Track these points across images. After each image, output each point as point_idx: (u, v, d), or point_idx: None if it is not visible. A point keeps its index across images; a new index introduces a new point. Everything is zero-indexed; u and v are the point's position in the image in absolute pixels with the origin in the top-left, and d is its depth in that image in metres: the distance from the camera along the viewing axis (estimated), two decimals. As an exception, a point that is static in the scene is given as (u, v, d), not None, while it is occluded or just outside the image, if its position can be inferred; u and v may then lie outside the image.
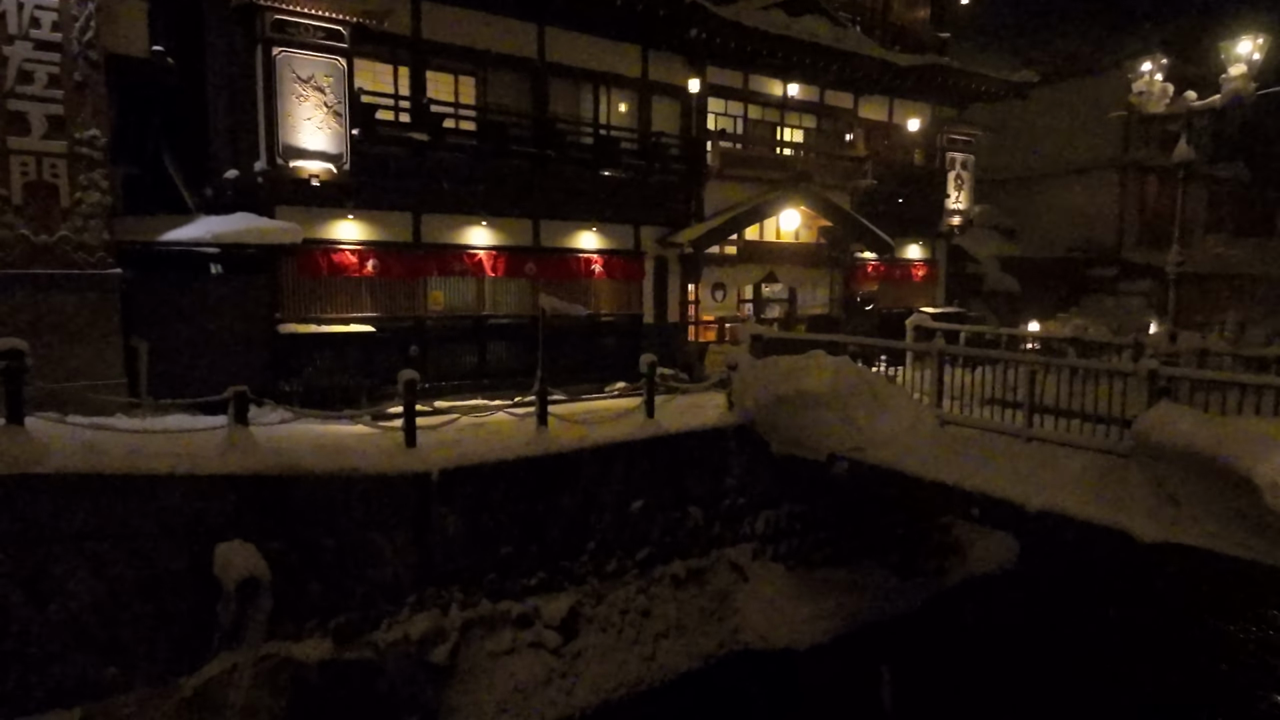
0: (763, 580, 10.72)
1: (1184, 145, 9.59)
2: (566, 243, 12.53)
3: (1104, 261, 26.97)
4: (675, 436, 9.76)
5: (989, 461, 7.87)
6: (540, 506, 8.61)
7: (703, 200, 13.37)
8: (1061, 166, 28.97)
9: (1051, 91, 27.43)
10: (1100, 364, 7.60)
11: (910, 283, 17.82)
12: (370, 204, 10.61)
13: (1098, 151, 27.94)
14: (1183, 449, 5.95)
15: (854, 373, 8.80)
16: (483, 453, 8.14)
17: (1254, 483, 5.37)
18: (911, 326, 12.94)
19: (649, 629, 9.46)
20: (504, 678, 8.24)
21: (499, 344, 12.06)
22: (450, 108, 10.90)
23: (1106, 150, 27.92)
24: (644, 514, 9.53)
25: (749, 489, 10.73)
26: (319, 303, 10.39)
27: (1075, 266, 26.86)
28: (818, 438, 9.22)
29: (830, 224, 14.58)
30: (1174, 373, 6.93)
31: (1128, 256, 26.97)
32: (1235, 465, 5.50)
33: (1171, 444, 6.03)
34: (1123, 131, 26.63)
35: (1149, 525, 6.32)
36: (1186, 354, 9.87)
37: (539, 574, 8.66)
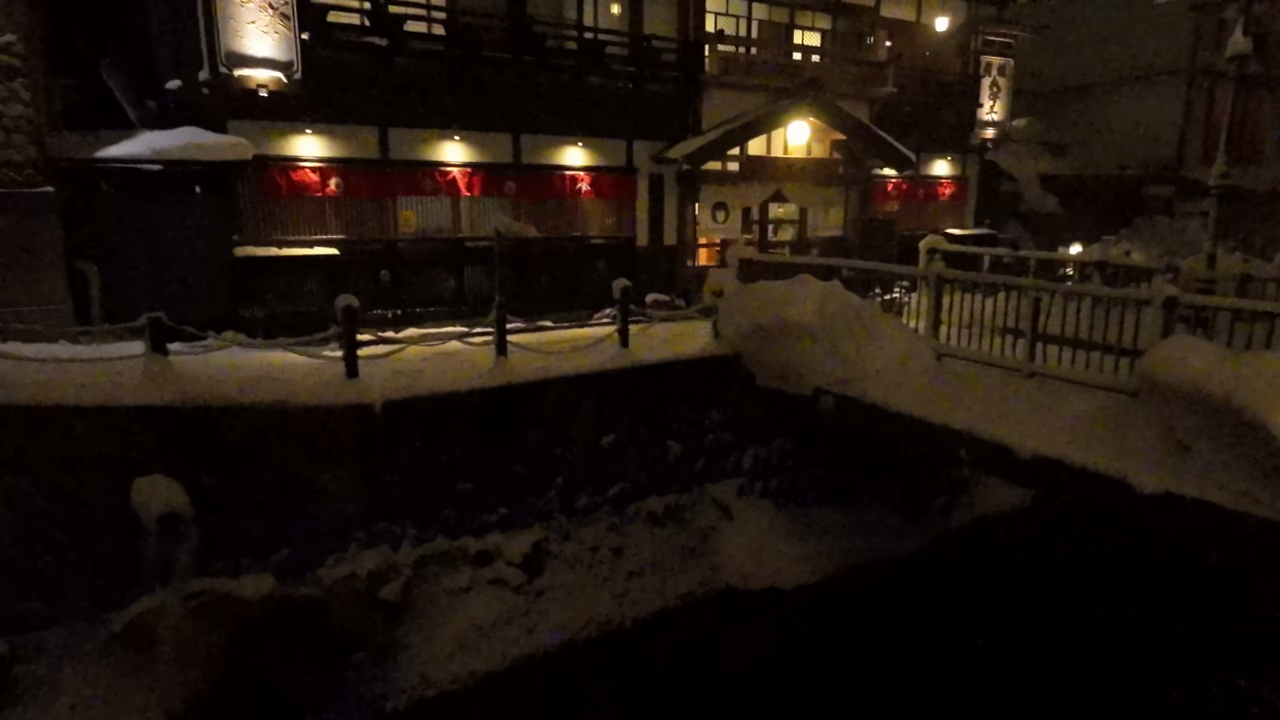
0: (748, 518, 10.32)
1: (1240, 36, 8.31)
2: (551, 159, 11.77)
3: (1161, 180, 24.97)
4: (652, 367, 9.23)
5: (985, 399, 7.20)
6: (501, 440, 8.24)
7: (700, 111, 12.36)
8: (1121, 74, 26.59)
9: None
10: (1111, 291, 6.75)
11: (936, 203, 16.64)
12: (331, 117, 10.00)
13: (1162, 57, 25.47)
14: (1192, 390, 5.22)
15: (842, 300, 8.09)
16: (434, 384, 7.71)
17: (1270, 432, 4.64)
18: (925, 249, 12.00)
19: (621, 567, 9.17)
20: (462, 615, 8.05)
21: (478, 269, 11.53)
22: (413, 8, 10.03)
23: (1172, 55, 25.43)
24: (617, 449, 9.12)
25: (736, 423, 10.22)
26: (280, 225, 9.94)
27: (1129, 185, 24.94)
28: (802, 371, 8.61)
29: (844, 137, 13.45)
30: (1194, 300, 6.11)
31: (1188, 174, 24.92)
32: (1250, 410, 4.78)
33: (1180, 384, 5.30)
34: (1192, 33, 24.18)
35: (1151, 474, 5.66)
36: (1225, 280, 8.85)
37: (500, 510, 8.37)
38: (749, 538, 10.23)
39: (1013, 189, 19.18)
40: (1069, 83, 27.82)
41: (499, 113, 11.06)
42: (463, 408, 7.85)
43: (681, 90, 12.37)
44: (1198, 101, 25.49)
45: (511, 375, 8.16)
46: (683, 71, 12.23)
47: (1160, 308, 6.20)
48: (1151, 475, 5.66)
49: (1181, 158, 25.56)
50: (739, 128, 12.11)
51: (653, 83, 12.15)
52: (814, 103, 12.67)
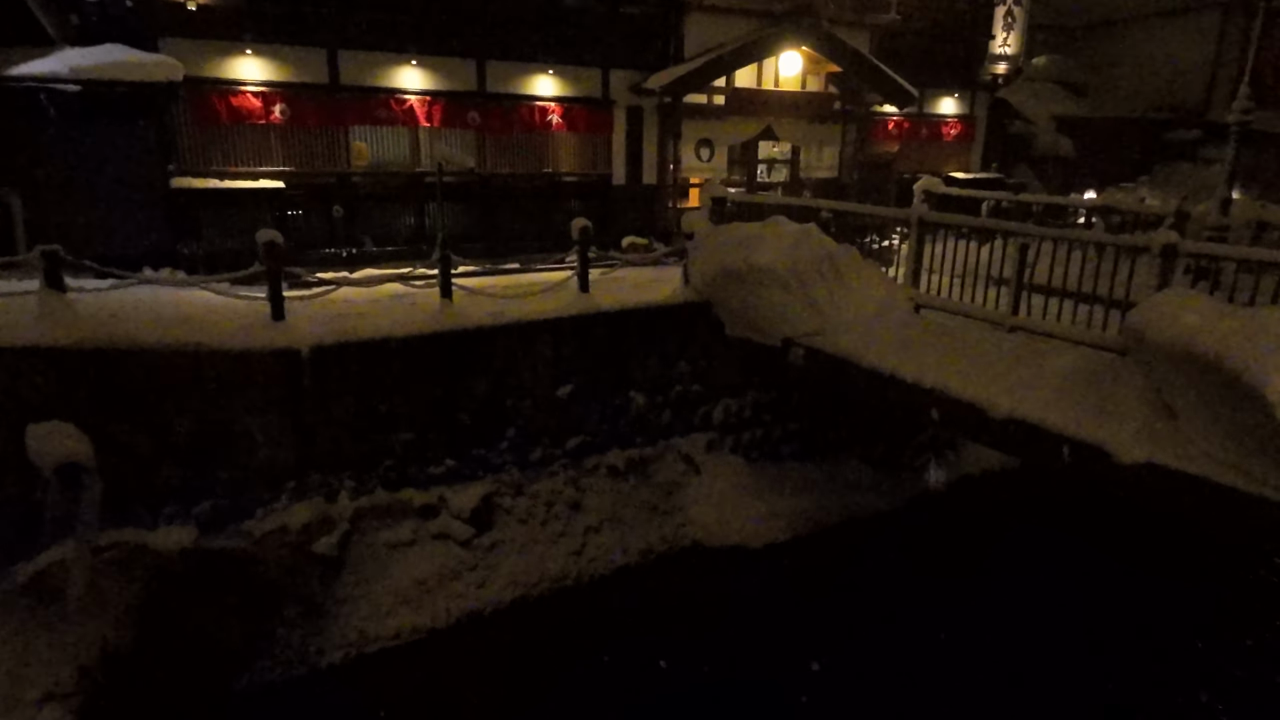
0: (717, 473, 9.98)
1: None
2: (519, 89, 11.07)
3: (1187, 123, 23.75)
4: (613, 315, 8.77)
5: (962, 354, 6.72)
6: (447, 389, 7.85)
7: (683, 38, 11.53)
8: (1150, 8, 25.06)
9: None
10: (1105, 237, 6.17)
11: (940, 143, 15.80)
12: (274, 36, 9.34)
13: (1202, -15, 23.92)
14: (1182, 350, 4.71)
15: (815, 245, 7.55)
16: (369, 329, 7.26)
17: (1265, 398, 4.14)
18: (920, 192, 11.32)
19: (579, 522, 8.88)
20: (403, 570, 7.79)
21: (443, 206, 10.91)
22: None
23: (1213, -13, 23.89)
24: (575, 400, 8.73)
25: (707, 374, 9.80)
26: (221, 154, 9.39)
27: (1152, 128, 23.76)
28: (772, 319, 8.13)
29: (839, 70, 12.60)
30: (1196, 249, 5.51)
31: (1215, 117, 23.66)
32: (1243, 373, 4.28)
33: (1170, 342, 4.81)
34: (1232, -38, 22.65)
35: (1134, 442, 5.21)
36: (1240, 228, 8.21)
37: (447, 462, 8.04)
38: (717, 493, 9.90)
39: (1024, 130, 18.20)
40: (1095, 18, 26.32)
41: (461, 36, 10.34)
42: (401, 354, 7.44)
43: (662, 15, 11.53)
44: (1231, 39, 24.05)
45: (456, 320, 7.72)
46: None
47: (1157, 256, 5.62)
48: (1134, 443, 5.20)
49: (1210, 100, 24.28)
50: (723, 56, 11.32)
51: (631, 6, 11.31)
52: (806, 30, 11.82)
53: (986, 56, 15.04)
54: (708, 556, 9.61)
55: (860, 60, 12.59)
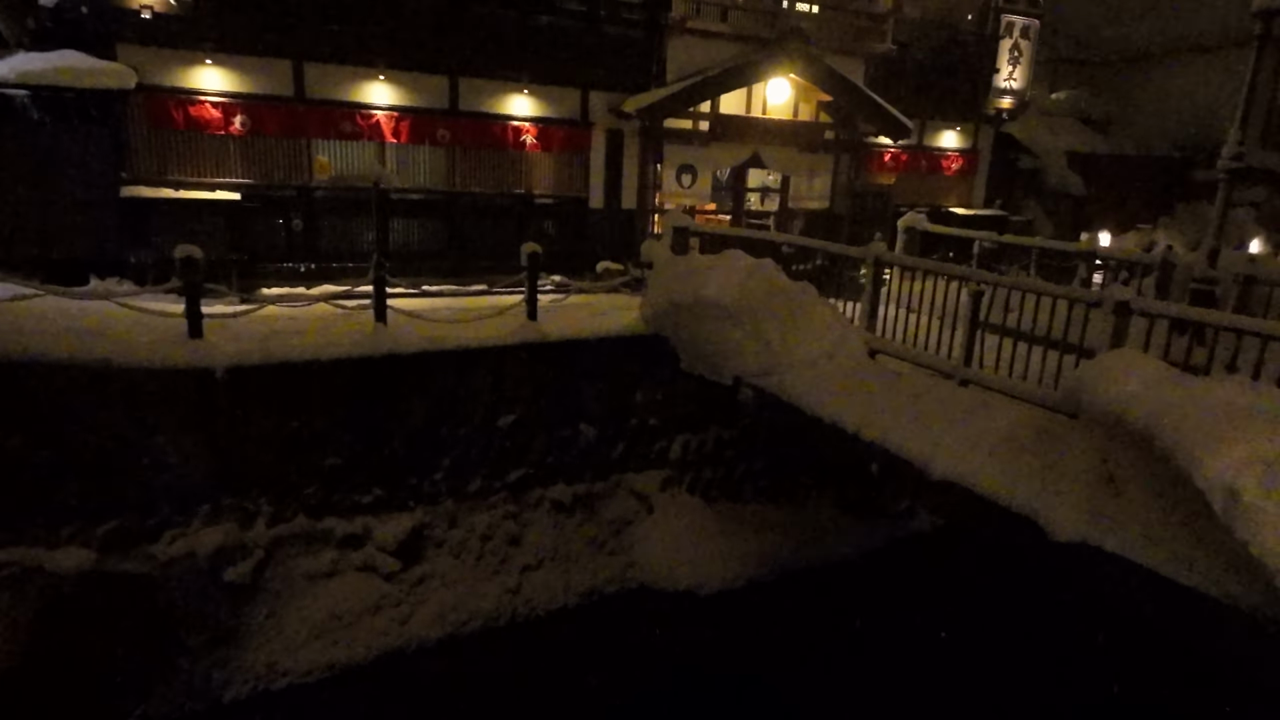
0: (671, 512, 9.70)
1: (1267, -11, 7.15)
2: (493, 107, 10.98)
3: (1212, 163, 23.15)
4: (562, 344, 8.53)
5: (910, 405, 6.42)
6: (377, 415, 7.64)
7: (665, 61, 11.39)
8: (1179, 45, 24.62)
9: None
10: (1056, 289, 5.83)
11: (940, 176, 15.50)
12: (237, 47, 9.35)
13: (1227, 26, 23.47)
14: (1117, 419, 4.37)
15: (766, 280, 7.31)
16: (293, 350, 7.09)
17: (1194, 482, 3.79)
18: (903, 228, 11.04)
19: (516, 558, 8.63)
20: (321, 602, 7.59)
21: (407, 222, 10.89)
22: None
23: (1239, 25, 23.41)
24: (518, 430, 8.53)
25: (665, 408, 9.56)
26: (176, 163, 9.37)
27: (1175, 168, 23.23)
28: (723, 356, 7.88)
29: (830, 98, 12.38)
30: (1147, 307, 5.16)
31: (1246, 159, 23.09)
32: (1173, 452, 3.92)
33: (1105, 409, 4.48)
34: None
35: (1068, 516, 4.87)
36: (1229, 281, 7.81)
37: (375, 490, 7.84)
38: (670, 533, 9.61)
39: (1034, 165, 17.81)
40: (1121, 53, 25.92)
41: (432, 52, 10.29)
42: (327, 377, 7.26)
43: (645, 36, 11.42)
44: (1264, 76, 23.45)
45: (389, 344, 7.54)
46: (646, 14, 11.25)
47: (1111, 313, 5.28)
48: (1070, 518, 4.83)
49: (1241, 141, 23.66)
50: (705, 81, 11.17)
51: (613, 26, 11.21)
52: (795, 56, 11.64)
53: (990, 90, 14.74)
54: (656, 600, 9.29)
55: (852, 89, 12.38)
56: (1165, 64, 25.09)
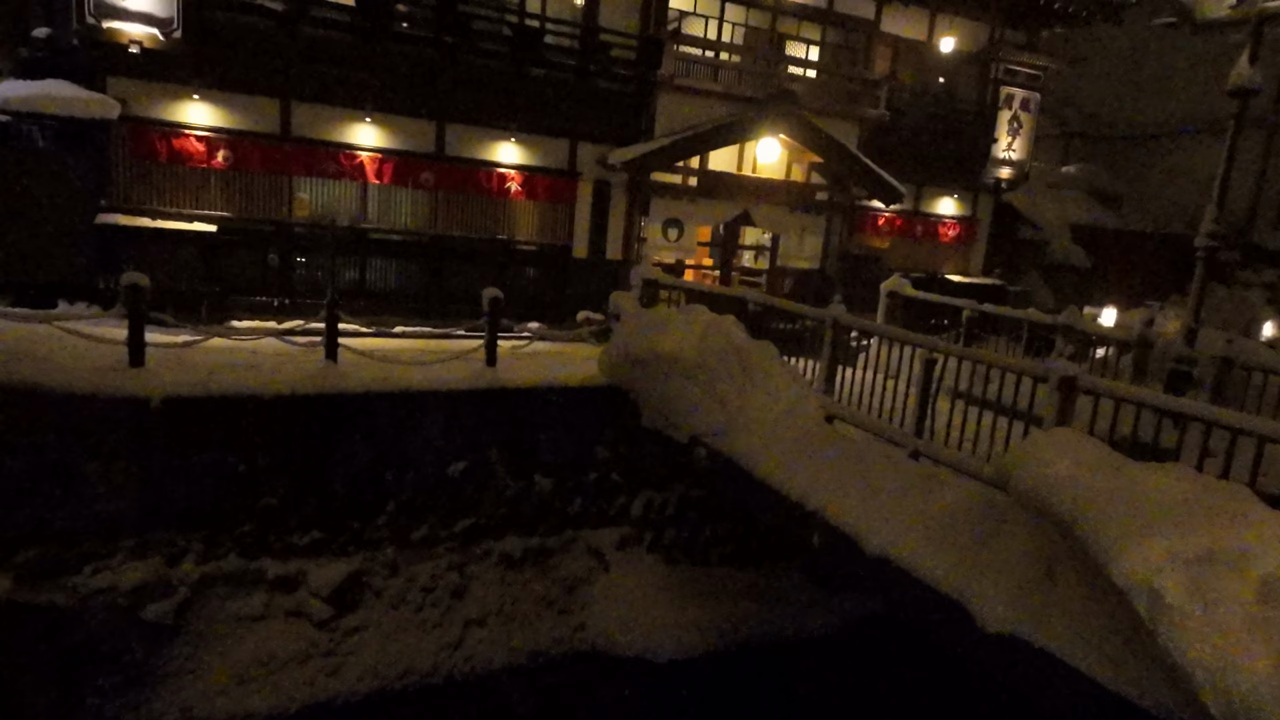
0: (629, 572, 9.44)
1: (1245, 64, 7.11)
2: (480, 153, 11.16)
3: (1225, 243, 22.99)
4: (519, 391, 8.43)
5: (859, 475, 6.21)
6: (319, 454, 7.52)
7: (654, 116, 11.54)
8: (1195, 123, 24.74)
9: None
10: (1005, 360, 5.66)
11: (937, 243, 15.47)
12: (225, 84, 9.58)
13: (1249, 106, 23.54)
14: (1042, 504, 4.15)
15: (724, 337, 7.21)
16: (236, 383, 7.04)
17: (1111, 579, 3.57)
18: (885, 293, 10.94)
19: (459, 612, 8.39)
20: (246, 646, 7.38)
21: (385, 263, 10.95)
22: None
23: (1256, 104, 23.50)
24: (469, 478, 8.40)
25: (627, 463, 9.40)
26: (156, 193, 9.54)
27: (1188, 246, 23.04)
28: (680, 413, 7.73)
29: (821, 160, 12.45)
30: (1093, 384, 4.96)
31: (1258, 240, 22.95)
32: (1093, 546, 3.71)
33: (1030, 492, 4.25)
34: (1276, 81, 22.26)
35: (1000, 605, 4.58)
36: (1206, 363, 7.58)
37: (314, 532, 7.68)
38: (626, 594, 9.34)
39: (1037, 237, 17.75)
40: (1134, 130, 26.11)
41: (420, 97, 10.51)
42: (269, 413, 7.20)
43: (636, 91, 11.60)
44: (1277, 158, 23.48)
45: (336, 383, 7.47)
46: (636, 70, 11.45)
47: (1056, 389, 5.09)
48: (1000, 607, 4.56)
49: (1254, 221, 23.59)
50: (691, 137, 11.29)
51: (603, 80, 11.41)
52: (784, 117, 11.77)
53: (989, 160, 14.78)
54: (607, 665, 8.95)
55: (843, 152, 12.46)
56: (1177, 143, 25.23)
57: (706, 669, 9.02)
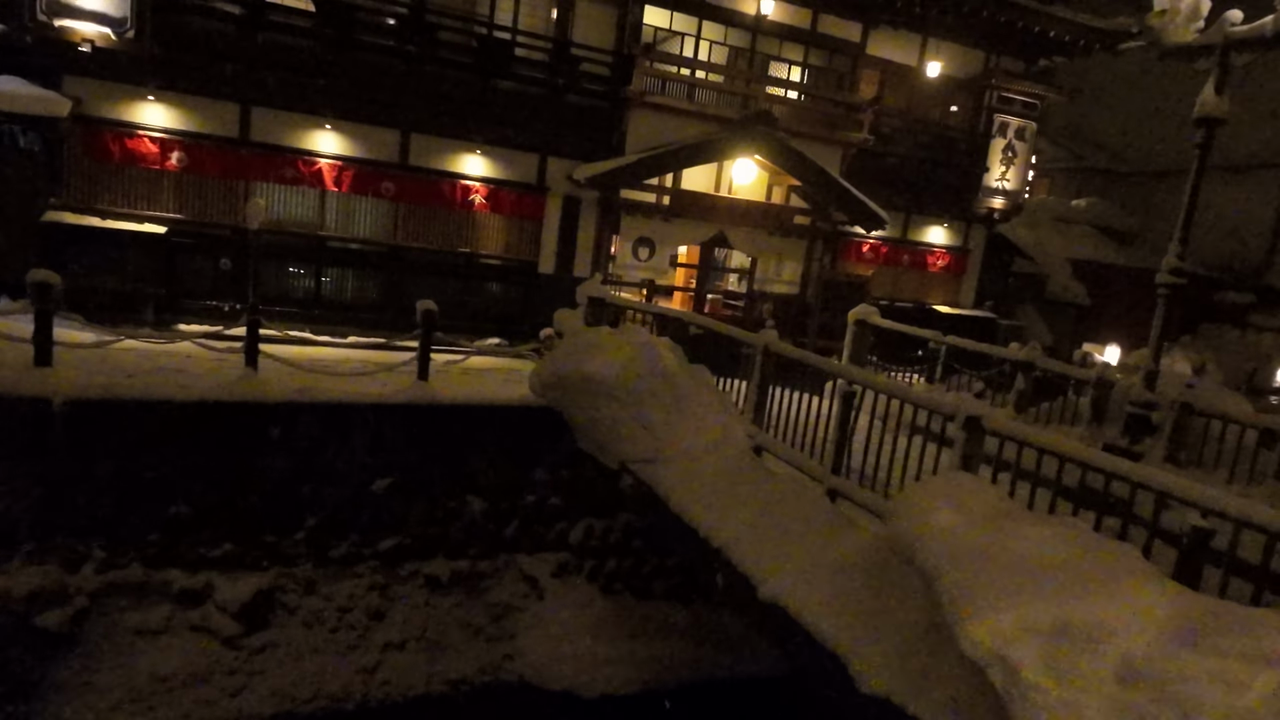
0: (564, 601, 9.16)
1: (1210, 93, 6.78)
2: (446, 164, 11.09)
3: (1241, 285, 22.41)
4: (452, 407, 8.21)
5: (770, 513, 5.95)
6: (234, 464, 7.36)
7: (625, 133, 11.40)
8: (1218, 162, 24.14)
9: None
10: (921, 398, 5.34)
11: (925, 273, 15.17)
12: (183, 86, 9.59)
13: (1261, 147, 23.08)
14: (909, 556, 3.86)
15: (654, 361, 6.97)
16: (144, 387, 6.90)
17: (959, 644, 3.27)
18: (853, 321, 10.63)
19: (378, 635, 8.15)
20: (145, 661, 7.20)
21: (343, 271, 10.90)
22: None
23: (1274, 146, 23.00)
24: (395, 495, 8.18)
25: (568, 488, 9.16)
26: (108, 193, 9.56)
27: (1201, 287, 22.48)
28: (610, 438, 7.50)
29: (799, 183, 12.22)
30: (999, 426, 4.64)
31: (1274, 282, 22.30)
32: (946, 610, 3.41)
33: (899, 541, 3.94)
34: (1306, 122, 21.81)
35: (879, 666, 4.27)
36: (1167, 407, 7.19)
37: (225, 545, 7.48)
38: (560, 624, 9.04)
39: (1034, 271, 17.34)
40: (1149, 165, 25.59)
41: (383, 106, 10.49)
42: (181, 419, 7.03)
43: (607, 108, 11.48)
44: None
45: (254, 391, 7.31)
46: (609, 86, 11.33)
47: (961, 429, 4.79)
48: (879, 668, 4.25)
49: (1271, 263, 22.95)
50: (659, 155, 11.13)
51: (574, 95, 11.31)
52: (759, 139, 11.58)
53: (981, 189, 14.45)
54: (533, 698, 8.63)
55: (823, 177, 12.24)
56: (1193, 181, 24.60)
57: (637, 707, 8.68)
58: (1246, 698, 2.71)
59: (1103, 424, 7.66)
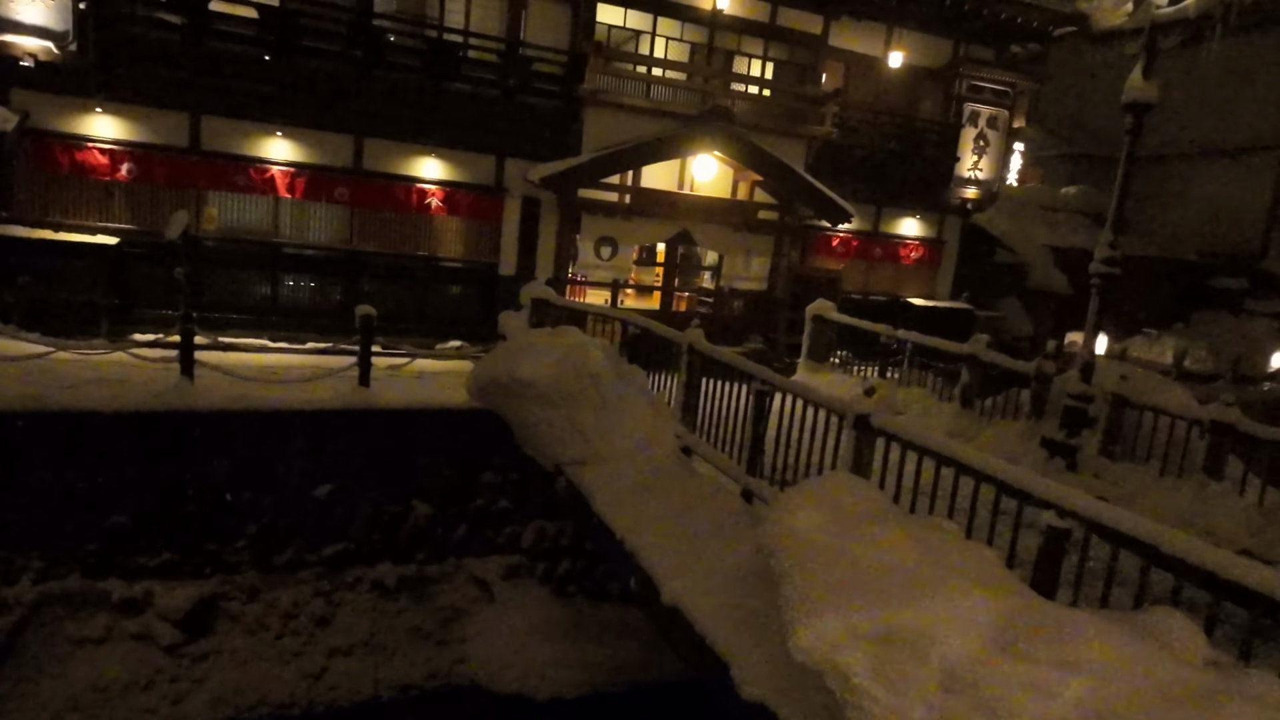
0: (516, 604, 9.21)
1: (1138, 78, 6.69)
2: (400, 168, 11.13)
3: (1235, 271, 22.10)
4: (392, 413, 8.24)
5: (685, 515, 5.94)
6: (171, 473, 7.42)
7: (581, 133, 11.38)
8: (1206, 146, 23.90)
9: (1223, 46, 22.63)
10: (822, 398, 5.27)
11: (899, 265, 15.05)
12: (131, 97, 9.67)
13: (1258, 130, 22.76)
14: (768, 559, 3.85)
15: (582, 362, 6.93)
16: (74, 399, 6.97)
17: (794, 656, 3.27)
18: (811, 316, 10.58)
19: (323, 641, 8.21)
20: (85, 670, 7.30)
21: (300, 278, 10.97)
22: (226, -14, 9.56)
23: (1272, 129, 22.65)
24: (337, 501, 8.22)
25: (519, 491, 9.16)
26: (59, 205, 9.68)
27: (1194, 272, 22.22)
28: (546, 440, 7.54)
29: (760, 177, 12.17)
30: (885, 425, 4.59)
31: (1269, 267, 21.98)
32: (784, 614, 3.40)
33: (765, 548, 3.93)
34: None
35: (758, 672, 4.25)
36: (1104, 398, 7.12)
37: (165, 554, 7.53)
38: (511, 628, 9.07)
39: (1015, 261, 17.16)
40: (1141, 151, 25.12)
41: (333, 112, 10.54)
42: (113, 430, 7.10)
43: (563, 107, 11.46)
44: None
45: (187, 400, 7.35)
46: (562, 86, 11.31)
47: (852, 427, 4.75)
48: (758, 674, 4.22)
49: (1266, 248, 22.61)
50: (614, 154, 11.13)
51: (529, 96, 11.30)
52: (718, 135, 11.55)
53: (954, 179, 14.33)
54: (483, 702, 8.66)
55: (785, 171, 12.19)
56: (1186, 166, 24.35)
57: (588, 709, 8.69)
58: (1057, 705, 2.69)
59: (1042, 417, 7.59)
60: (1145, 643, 2.69)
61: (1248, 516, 5.66)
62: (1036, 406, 7.67)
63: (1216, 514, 5.78)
